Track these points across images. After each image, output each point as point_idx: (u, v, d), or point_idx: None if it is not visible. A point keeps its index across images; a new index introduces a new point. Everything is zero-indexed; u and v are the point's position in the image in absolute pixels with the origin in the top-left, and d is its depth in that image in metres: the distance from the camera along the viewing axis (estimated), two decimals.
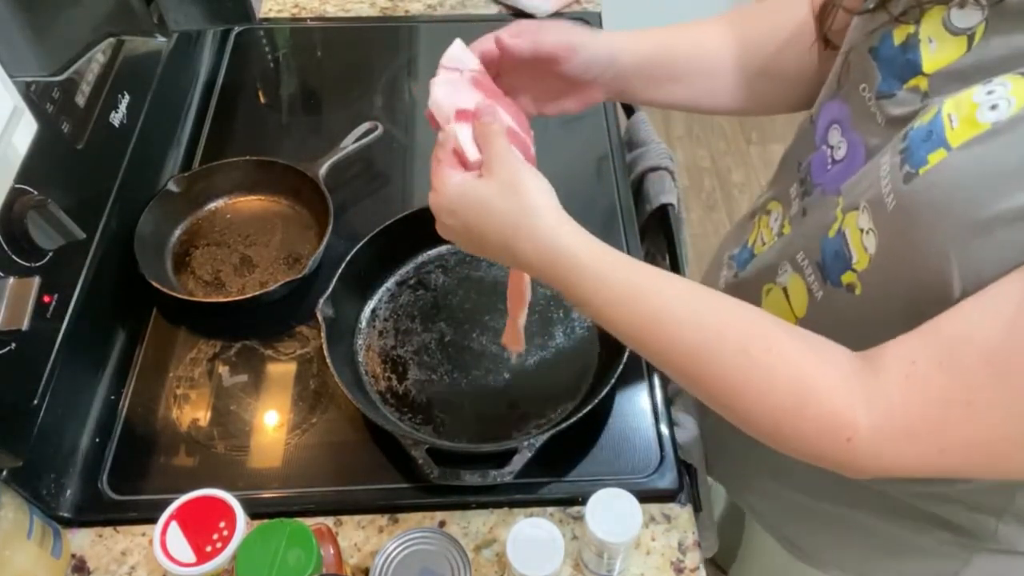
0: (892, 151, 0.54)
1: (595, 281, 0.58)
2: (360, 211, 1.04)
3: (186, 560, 0.65)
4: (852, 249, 0.59)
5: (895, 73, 0.58)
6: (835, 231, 0.61)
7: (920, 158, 0.51)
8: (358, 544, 0.76)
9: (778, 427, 0.54)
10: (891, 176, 0.53)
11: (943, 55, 0.54)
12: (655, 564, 0.75)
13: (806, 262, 0.66)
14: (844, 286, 0.60)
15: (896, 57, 0.58)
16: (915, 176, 0.51)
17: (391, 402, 0.85)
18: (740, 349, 0.55)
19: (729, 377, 0.55)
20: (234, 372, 0.88)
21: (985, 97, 0.49)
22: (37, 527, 0.69)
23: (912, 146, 0.52)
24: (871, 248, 0.56)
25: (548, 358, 0.88)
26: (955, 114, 0.50)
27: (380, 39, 1.30)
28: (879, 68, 0.60)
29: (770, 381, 0.54)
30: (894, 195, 0.53)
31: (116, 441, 0.82)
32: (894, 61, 0.58)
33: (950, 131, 0.50)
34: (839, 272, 0.61)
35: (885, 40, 0.59)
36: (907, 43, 0.57)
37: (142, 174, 0.98)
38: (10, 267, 0.69)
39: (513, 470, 0.75)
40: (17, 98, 0.67)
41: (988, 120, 0.48)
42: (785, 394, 0.53)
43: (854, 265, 0.59)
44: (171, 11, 1.03)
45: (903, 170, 0.52)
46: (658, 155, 1.10)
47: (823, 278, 0.63)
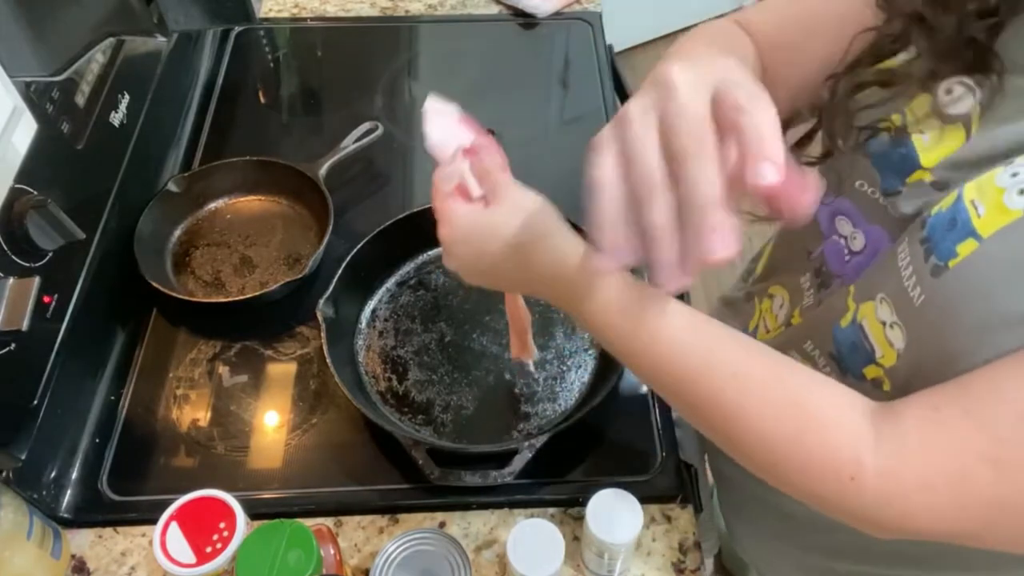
0: (910, 240, 0.51)
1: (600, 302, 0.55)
2: (360, 211, 1.03)
3: (186, 561, 0.65)
4: (874, 343, 0.55)
5: (893, 169, 0.55)
6: (848, 321, 0.58)
7: (948, 249, 0.48)
8: (358, 545, 0.76)
9: (775, 459, 0.51)
10: (914, 268, 0.50)
11: (940, 146, 0.52)
12: (656, 565, 0.75)
13: (816, 352, 0.63)
14: (869, 380, 0.57)
15: (889, 153, 0.56)
16: (945, 270, 0.48)
17: (391, 402, 0.85)
18: (736, 373, 0.52)
19: (725, 401, 0.52)
20: (234, 372, 0.88)
21: (1010, 180, 0.46)
22: (37, 528, 0.69)
23: (935, 236, 0.49)
24: (898, 343, 0.53)
25: (549, 358, 0.88)
26: (979, 200, 0.47)
27: (380, 39, 1.30)
28: (874, 165, 0.57)
29: (768, 406, 0.50)
30: (921, 289, 0.50)
31: (116, 441, 0.82)
32: (888, 157, 0.56)
33: (977, 219, 0.46)
34: (860, 365, 0.57)
35: (875, 137, 0.57)
36: (897, 138, 0.55)
37: (142, 174, 0.98)
38: (10, 267, 0.69)
39: (514, 471, 0.75)
40: (17, 98, 0.67)
41: (1019, 207, 0.45)
42: (783, 421, 0.50)
43: (879, 360, 0.55)
44: (171, 11, 1.03)
45: (929, 263, 0.49)
46: None
47: (841, 370, 0.60)
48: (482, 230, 0.59)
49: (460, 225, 0.60)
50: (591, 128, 1.15)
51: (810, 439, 0.49)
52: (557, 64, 1.26)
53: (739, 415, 0.51)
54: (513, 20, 1.32)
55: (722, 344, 0.53)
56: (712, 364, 0.52)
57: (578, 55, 1.27)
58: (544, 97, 1.22)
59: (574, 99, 1.21)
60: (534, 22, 1.31)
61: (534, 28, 1.30)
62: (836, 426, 0.49)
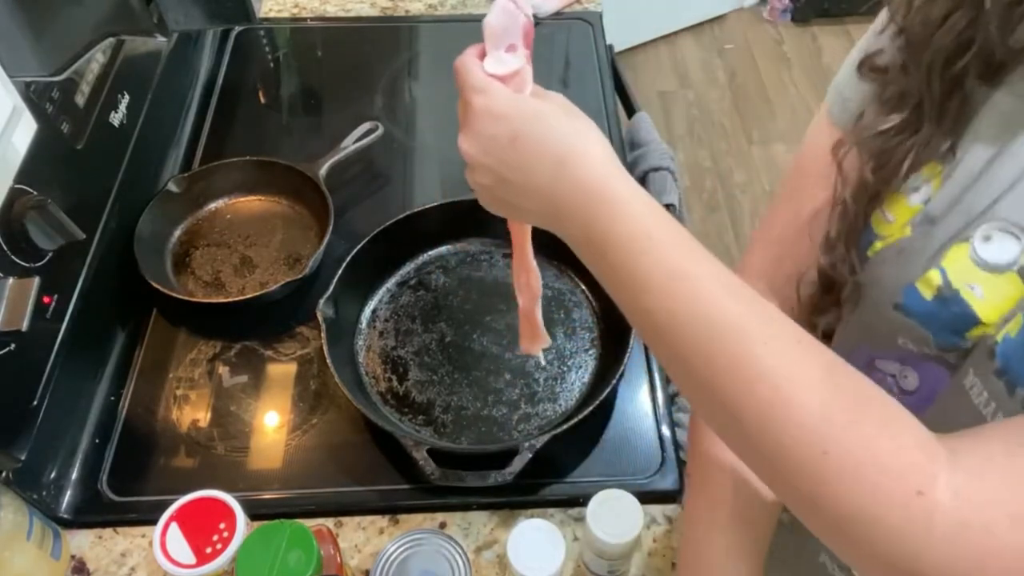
0: (979, 373, 0.46)
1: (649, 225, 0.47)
2: (360, 211, 1.03)
3: (186, 561, 0.65)
4: None
5: (948, 328, 0.49)
6: None
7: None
8: (358, 545, 0.76)
9: (824, 450, 0.39)
10: (997, 404, 0.45)
11: (999, 300, 0.46)
12: (656, 565, 0.75)
13: None
14: None
15: (937, 312, 0.49)
16: None
17: (392, 403, 0.85)
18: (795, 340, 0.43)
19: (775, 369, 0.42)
20: (234, 373, 0.88)
21: None
22: (37, 528, 0.69)
23: (1012, 365, 0.43)
24: None
25: (549, 359, 0.88)
26: None
27: (381, 39, 1.30)
28: (921, 324, 0.50)
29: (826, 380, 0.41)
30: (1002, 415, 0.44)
31: (116, 442, 0.82)
32: (937, 317, 0.49)
33: None
34: None
35: (910, 296, 0.50)
36: (942, 296, 0.48)
37: (142, 174, 0.98)
38: (10, 268, 0.69)
39: (514, 471, 0.75)
40: (17, 98, 0.67)
41: None
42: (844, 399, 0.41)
43: None
44: (171, 11, 1.02)
45: (1016, 396, 0.43)
46: (659, 155, 1.09)
47: None
48: (528, 117, 0.51)
49: (500, 98, 0.51)
50: None
51: (868, 429, 0.39)
52: (557, 64, 1.26)
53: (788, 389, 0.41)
54: None
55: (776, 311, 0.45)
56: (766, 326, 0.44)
57: (578, 55, 1.27)
58: None
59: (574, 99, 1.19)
60: (534, 22, 1.30)
61: (534, 28, 1.30)
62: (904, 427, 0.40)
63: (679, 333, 0.45)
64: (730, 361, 0.43)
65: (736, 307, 0.44)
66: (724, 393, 0.43)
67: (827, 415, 0.40)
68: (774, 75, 2.77)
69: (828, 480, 0.39)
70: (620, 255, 0.47)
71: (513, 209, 0.55)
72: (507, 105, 0.51)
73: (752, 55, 2.85)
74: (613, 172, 0.49)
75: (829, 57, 2.82)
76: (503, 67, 0.53)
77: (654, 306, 0.46)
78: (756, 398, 0.42)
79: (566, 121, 0.51)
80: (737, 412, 0.43)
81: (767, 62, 2.82)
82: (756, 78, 2.76)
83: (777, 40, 2.90)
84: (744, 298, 0.45)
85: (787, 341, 0.43)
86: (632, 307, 0.48)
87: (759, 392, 0.42)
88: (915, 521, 0.37)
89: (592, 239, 0.49)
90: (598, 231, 0.48)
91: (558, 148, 0.50)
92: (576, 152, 0.49)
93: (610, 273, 0.49)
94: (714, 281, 0.45)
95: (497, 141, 0.51)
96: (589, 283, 0.94)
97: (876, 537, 0.38)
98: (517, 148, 0.50)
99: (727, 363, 0.43)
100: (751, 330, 0.43)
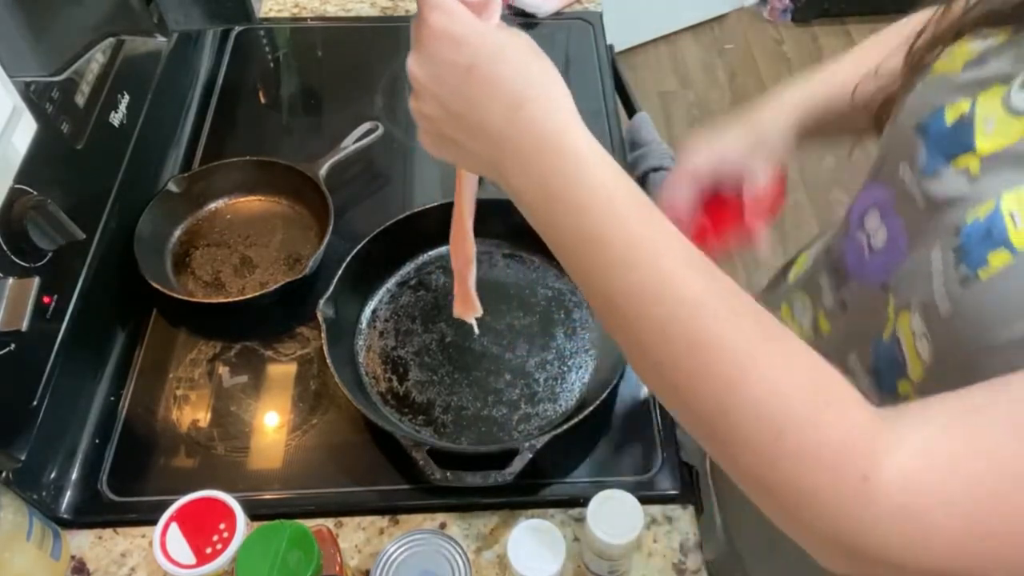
0: (942, 246, 0.48)
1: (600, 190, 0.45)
2: (361, 211, 1.03)
3: (186, 562, 0.65)
4: (907, 355, 0.52)
5: (943, 150, 0.52)
6: (889, 334, 0.54)
7: (979, 258, 0.45)
8: (359, 546, 0.76)
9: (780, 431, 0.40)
10: (944, 277, 0.47)
11: (1001, 137, 0.48)
12: (657, 566, 0.75)
13: (859, 366, 0.59)
14: (900, 396, 0.54)
15: (946, 135, 0.52)
16: (974, 280, 0.45)
17: (392, 403, 0.85)
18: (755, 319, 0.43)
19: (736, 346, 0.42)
20: (234, 373, 0.88)
21: None
22: (36, 529, 0.69)
23: (968, 245, 0.46)
24: (925, 355, 0.50)
25: (549, 359, 0.88)
26: (1018, 212, 0.44)
27: (381, 39, 1.29)
28: (925, 145, 0.53)
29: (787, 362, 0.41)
30: (949, 300, 0.47)
31: (116, 442, 0.82)
32: (943, 139, 0.52)
33: (1013, 231, 0.44)
34: (894, 379, 0.54)
35: (936, 118, 0.53)
36: (960, 122, 0.51)
37: (142, 174, 0.98)
38: (10, 268, 0.69)
39: (514, 471, 0.75)
40: (16, 98, 0.66)
41: None
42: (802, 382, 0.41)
43: (909, 374, 0.52)
44: (171, 11, 1.02)
45: (959, 271, 0.46)
46: (660, 155, 1.09)
47: (878, 386, 0.56)
48: (491, 47, 0.47)
49: (462, 22, 0.47)
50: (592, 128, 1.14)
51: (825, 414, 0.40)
52: (557, 64, 1.24)
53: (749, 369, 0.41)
54: (513, 20, 1.31)
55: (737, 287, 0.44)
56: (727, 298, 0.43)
57: (578, 55, 1.27)
58: None
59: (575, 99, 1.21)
60: (534, 22, 1.30)
61: (534, 28, 1.30)
62: (854, 410, 0.40)
63: (635, 304, 0.44)
64: (689, 338, 0.42)
65: (696, 282, 0.43)
66: (683, 368, 0.43)
67: (783, 399, 0.40)
68: (774, 75, 2.76)
69: (780, 465, 0.40)
70: (574, 217, 0.45)
71: (457, 150, 0.50)
72: (469, 30, 0.46)
73: (752, 55, 2.85)
74: (573, 123, 0.46)
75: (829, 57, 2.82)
76: None
77: (609, 274, 0.44)
78: (713, 377, 0.41)
79: (531, 61, 0.47)
80: (693, 390, 0.42)
81: (767, 62, 2.82)
82: (756, 78, 2.76)
83: (777, 40, 2.90)
84: (704, 273, 0.44)
85: (746, 318, 0.43)
86: (581, 271, 0.46)
87: (717, 371, 0.41)
88: (860, 505, 0.38)
89: (544, 195, 0.46)
90: (553, 187, 0.45)
91: (517, 87, 0.46)
92: (536, 95, 0.46)
93: (560, 233, 0.46)
94: (674, 252, 0.44)
95: (452, 69, 0.47)
96: None
97: (823, 518, 0.39)
98: (472, 80, 0.46)
99: (686, 341, 0.42)
100: (711, 306, 0.42)
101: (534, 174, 0.46)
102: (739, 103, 2.70)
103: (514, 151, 0.46)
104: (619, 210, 0.44)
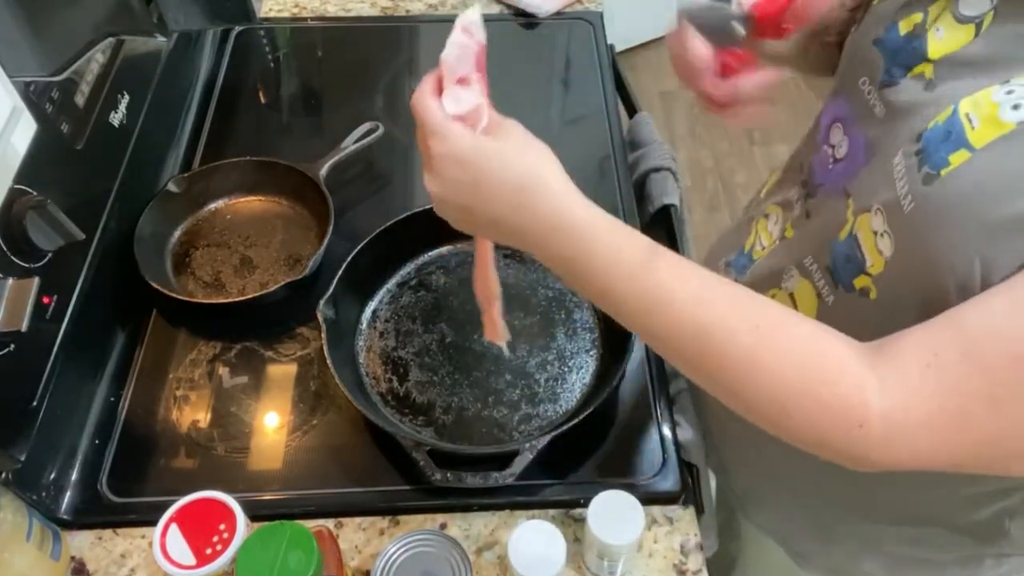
0: (904, 153, 0.53)
1: (605, 253, 0.54)
2: (361, 212, 1.03)
3: (186, 562, 0.65)
4: (866, 252, 0.57)
5: (899, 62, 0.58)
6: (846, 233, 0.60)
7: (940, 159, 0.50)
8: (359, 546, 0.76)
9: (785, 410, 0.51)
10: (908, 178, 0.52)
11: (950, 42, 0.54)
12: (657, 566, 0.75)
13: (815, 267, 0.64)
14: (857, 290, 0.59)
15: (902, 46, 0.58)
16: (936, 178, 0.50)
17: (392, 404, 0.85)
18: (752, 327, 0.52)
19: (737, 355, 0.52)
20: (234, 373, 0.88)
21: (1005, 96, 0.48)
22: (36, 530, 0.69)
23: (929, 148, 0.51)
24: (886, 251, 0.55)
25: (550, 359, 0.88)
26: (974, 114, 0.49)
27: (381, 39, 1.29)
28: (883, 57, 0.59)
29: (780, 359, 0.51)
30: (912, 197, 0.52)
31: (116, 443, 0.82)
32: (899, 50, 0.58)
33: (971, 132, 0.49)
34: (851, 276, 0.59)
35: (891, 31, 0.59)
36: (913, 33, 0.57)
37: (142, 174, 0.98)
38: (9, 268, 0.69)
39: (515, 472, 0.75)
40: (16, 98, 0.66)
41: (1012, 120, 0.47)
42: (795, 373, 0.51)
43: (868, 269, 0.57)
44: (171, 11, 1.02)
45: (922, 171, 0.51)
46: (660, 155, 1.09)
47: (834, 282, 0.62)
48: (484, 153, 0.55)
49: (461, 143, 0.55)
50: (593, 128, 1.15)
51: (822, 392, 0.50)
52: (558, 64, 1.26)
53: (754, 369, 0.51)
54: (514, 20, 1.31)
55: (738, 299, 0.54)
56: (729, 319, 0.52)
57: (579, 55, 1.27)
58: (545, 97, 1.21)
59: (575, 99, 1.21)
60: (535, 22, 1.30)
61: (535, 28, 1.30)
62: (844, 377, 0.50)
63: (656, 338, 0.55)
64: (703, 358, 0.53)
65: (702, 312, 0.53)
66: (701, 375, 0.55)
67: (787, 387, 0.51)
68: None
69: (791, 429, 0.52)
70: (588, 280, 0.55)
71: (482, 233, 0.62)
72: (467, 151, 0.55)
73: None
74: (569, 201, 0.55)
75: None
76: (460, 106, 0.56)
77: (633, 321, 0.56)
78: (729, 380, 0.53)
79: (522, 157, 0.55)
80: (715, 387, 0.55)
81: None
82: None
83: None
84: (705, 302, 0.53)
85: (747, 326, 0.52)
86: (612, 314, 0.57)
87: (729, 376, 0.53)
88: (856, 443, 0.50)
89: (563, 266, 0.56)
90: (566, 259, 0.55)
91: (516, 183, 0.54)
92: (533, 186, 0.54)
93: (586, 292, 0.57)
94: (679, 292, 0.53)
95: (460, 184, 0.56)
96: None
97: (831, 454, 0.52)
98: (479, 188, 0.55)
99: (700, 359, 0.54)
100: (715, 330, 0.52)
101: (547, 251, 0.56)
102: None
103: (526, 233, 0.56)
104: (625, 267, 0.54)
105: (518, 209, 0.55)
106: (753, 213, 0.80)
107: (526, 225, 0.55)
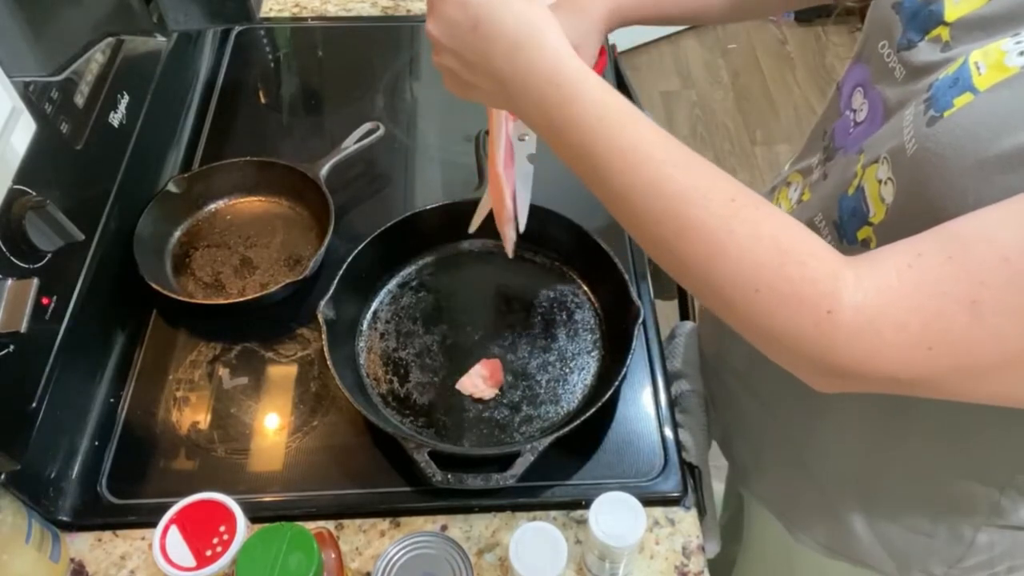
0: (916, 102, 0.54)
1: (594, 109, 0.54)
2: (361, 212, 1.03)
3: (186, 564, 0.65)
4: (870, 203, 0.58)
5: (917, 25, 0.59)
6: (855, 188, 0.60)
7: (945, 103, 0.51)
8: (359, 548, 0.76)
9: (755, 289, 0.49)
10: (914, 123, 0.53)
11: (965, 5, 0.55)
12: (659, 568, 0.74)
13: (824, 223, 0.65)
14: (860, 242, 0.59)
15: (919, 10, 0.59)
16: (939, 119, 0.51)
17: (393, 405, 0.85)
18: (728, 199, 0.51)
19: (712, 224, 0.51)
20: (234, 374, 0.88)
21: (1013, 45, 0.49)
22: (36, 531, 0.69)
23: (937, 94, 0.52)
24: (888, 198, 0.55)
25: (551, 360, 0.88)
26: (983, 62, 0.50)
27: (382, 39, 1.29)
28: (902, 22, 0.60)
29: (754, 232, 0.50)
30: (915, 140, 0.52)
31: (115, 444, 0.82)
32: (917, 14, 0.59)
33: (977, 77, 0.50)
34: (855, 228, 0.60)
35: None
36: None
37: (142, 175, 0.98)
38: (9, 269, 0.69)
39: (516, 473, 0.74)
40: (15, 98, 0.66)
41: (1017, 64, 0.48)
42: (769, 248, 0.50)
43: (871, 219, 0.58)
44: (171, 10, 1.02)
45: (927, 115, 0.52)
46: None
47: (839, 236, 0.63)
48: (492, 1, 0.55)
49: None
50: None
51: (791, 270, 0.49)
52: None
53: (728, 240, 0.50)
54: None
55: (718, 172, 0.53)
56: (708, 187, 0.52)
57: None
58: None
59: None
60: None
61: None
62: (817, 260, 0.49)
63: (630, 202, 0.54)
64: (678, 223, 0.52)
65: (678, 178, 0.52)
66: (673, 247, 0.53)
67: (759, 262, 0.49)
68: (777, 75, 2.76)
69: (759, 311, 0.50)
70: (574, 135, 0.54)
71: (476, 92, 0.61)
72: None
73: (755, 55, 2.84)
74: (564, 57, 0.55)
75: (833, 57, 2.82)
76: None
77: (610, 179, 0.54)
78: (701, 251, 0.51)
79: (525, 8, 0.55)
80: (685, 262, 0.53)
81: (770, 62, 2.82)
82: (759, 78, 2.76)
83: (781, 40, 2.90)
84: (683, 167, 0.52)
85: (719, 199, 0.51)
86: (591, 179, 0.56)
87: (700, 249, 0.51)
88: (822, 331, 0.48)
89: (548, 121, 0.55)
90: (553, 115, 0.55)
91: (515, 34, 0.55)
92: (531, 38, 0.55)
93: (566, 151, 0.56)
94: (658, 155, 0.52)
95: (460, 27, 0.56)
96: (592, 285, 0.93)
97: (798, 345, 0.50)
98: (478, 33, 0.55)
99: (676, 225, 0.52)
100: (694, 195, 0.51)
101: (537, 104, 0.55)
102: (742, 103, 2.71)
103: (518, 88, 0.56)
104: (609, 126, 0.53)
105: (513, 61, 0.55)
106: (777, 183, 0.82)
107: (518, 78, 0.55)
